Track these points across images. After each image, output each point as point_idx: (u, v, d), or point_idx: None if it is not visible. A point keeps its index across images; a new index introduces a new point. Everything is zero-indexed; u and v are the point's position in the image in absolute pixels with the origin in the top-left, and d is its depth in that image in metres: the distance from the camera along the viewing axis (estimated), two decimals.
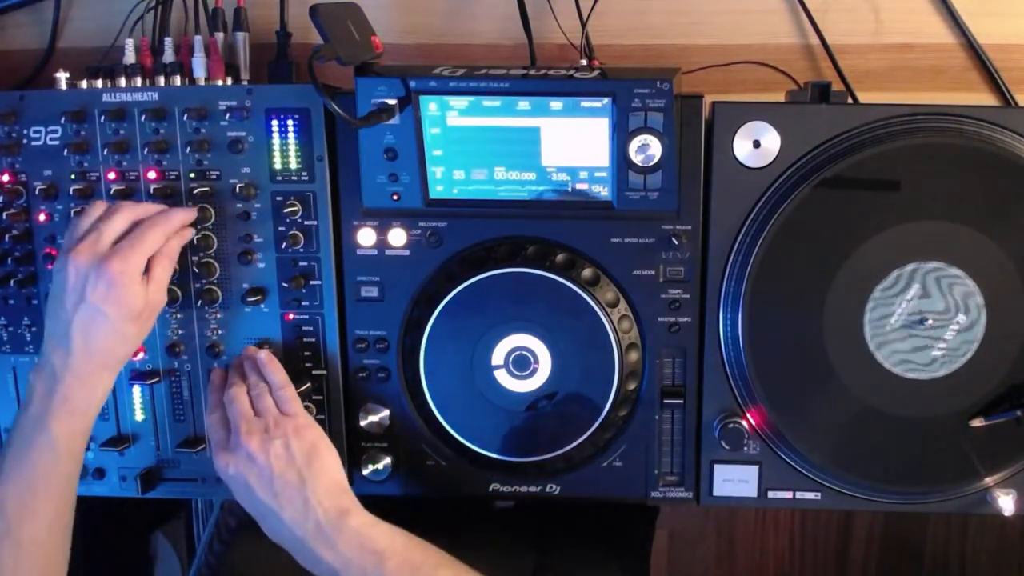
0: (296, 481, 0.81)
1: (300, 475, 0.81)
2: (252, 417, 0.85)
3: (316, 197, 0.90)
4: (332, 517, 0.80)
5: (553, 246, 0.90)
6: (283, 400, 0.87)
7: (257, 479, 0.81)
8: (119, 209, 0.84)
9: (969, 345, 0.86)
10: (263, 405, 0.86)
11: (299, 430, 0.84)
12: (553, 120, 0.85)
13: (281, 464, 0.81)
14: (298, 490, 0.81)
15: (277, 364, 0.89)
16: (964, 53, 1.02)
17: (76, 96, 0.90)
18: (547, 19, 1.02)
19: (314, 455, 0.83)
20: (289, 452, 0.82)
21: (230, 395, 0.86)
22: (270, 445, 0.82)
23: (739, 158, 0.87)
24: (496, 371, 0.91)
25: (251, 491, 0.82)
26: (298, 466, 0.82)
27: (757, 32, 1.03)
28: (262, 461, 0.81)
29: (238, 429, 0.83)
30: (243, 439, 0.82)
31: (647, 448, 0.93)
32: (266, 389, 0.87)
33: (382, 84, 0.85)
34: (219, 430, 0.86)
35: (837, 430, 0.89)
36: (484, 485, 0.95)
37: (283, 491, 0.81)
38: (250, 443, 0.82)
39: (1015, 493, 0.91)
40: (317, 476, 0.82)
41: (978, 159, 0.83)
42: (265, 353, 0.90)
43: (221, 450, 0.84)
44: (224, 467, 0.83)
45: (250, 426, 0.83)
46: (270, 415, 0.85)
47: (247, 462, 0.82)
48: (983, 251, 0.85)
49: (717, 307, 0.90)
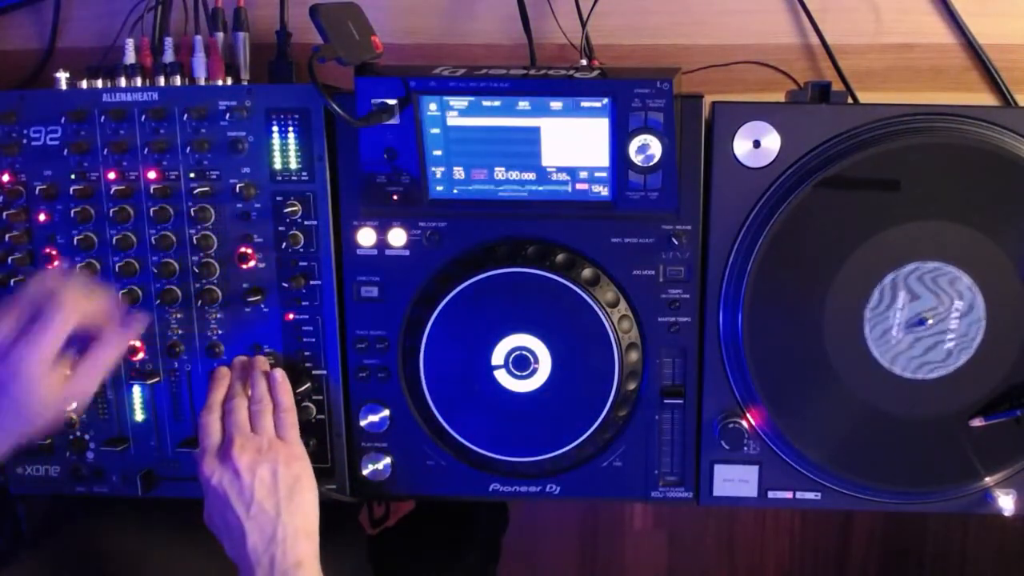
0: (272, 512, 0.81)
1: (277, 507, 0.82)
2: (249, 433, 0.85)
3: (316, 197, 0.90)
4: (288, 563, 0.80)
5: (553, 246, 0.90)
6: (283, 424, 0.87)
7: (237, 497, 0.81)
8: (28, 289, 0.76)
9: (969, 345, 0.86)
10: (262, 423, 0.86)
11: (289, 460, 0.84)
12: (553, 120, 0.85)
13: (264, 490, 0.82)
14: (271, 521, 0.81)
15: (288, 386, 0.89)
16: (964, 53, 1.02)
17: (76, 96, 0.90)
18: (547, 19, 1.02)
19: (297, 490, 0.83)
20: (275, 480, 0.82)
21: (233, 404, 0.86)
22: (259, 467, 0.82)
23: (739, 158, 0.87)
24: (496, 371, 0.91)
25: (227, 506, 0.82)
26: (279, 497, 0.82)
27: (757, 32, 1.03)
28: (247, 481, 0.82)
29: (232, 441, 0.83)
30: (235, 453, 0.82)
31: (647, 448, 0.93)
32: (269, 407, 0.87)
33: (382, 84, 0.85)
34: (213, 434, 0.85)
35: (837, 430, 0.89)
36: (484, 485, 0.95)
37: (257, 516, 0.81)
38: (241, 459, 0.82)
39: (1015, 493, 0.91)
40: (293, 513, 0.82)
41: (978, 159, 0.83)
42: (281, 372, 0.89)
43: (209, 456, 0.84)
44: (208, 474, 0.83)
45: (245, 442, 0.84)
46: (266, 436, 0.85)
47: (232, 477, 0.82)
48: (983, 251, 0.85)
49: (717, 307, 0.90)
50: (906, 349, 0.87)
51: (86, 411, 0.95)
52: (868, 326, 0.87)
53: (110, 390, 0.95)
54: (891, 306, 0.86)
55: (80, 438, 0.96)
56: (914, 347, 0.87)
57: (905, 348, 0.87)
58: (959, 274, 0.85)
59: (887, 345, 0.87)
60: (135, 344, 0.94)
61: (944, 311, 0.86)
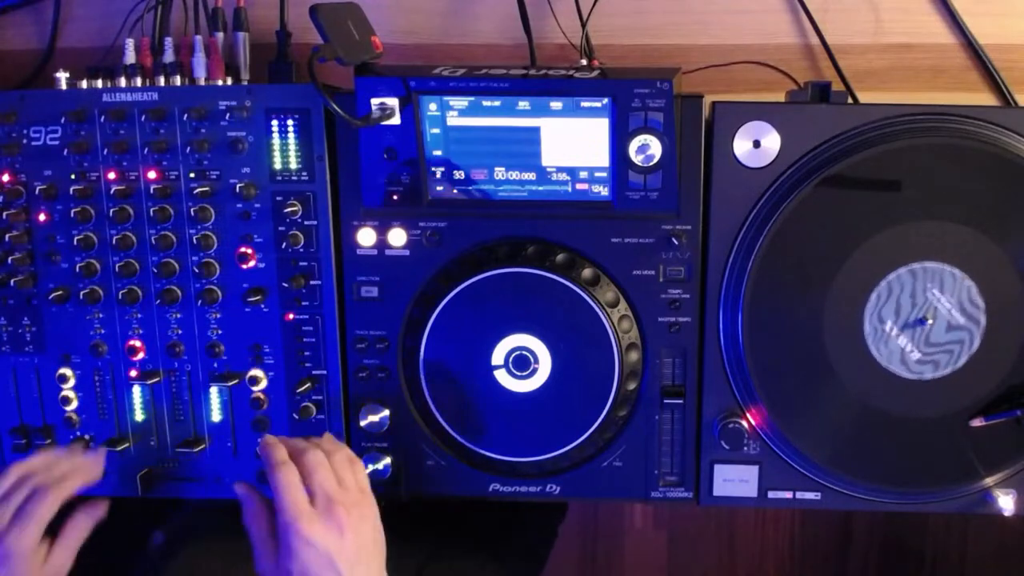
0: (364, 567, 0.81)
1: (369, 563, 0.81)
2: (340, 490, 0.82)
3: (316, 197, 0.90)
4: None
5: (553, 246, 0.89)
6: (360, 474, 0.86)
7: (338, 553, 0.79)
8: (9, 477, 0.86)
9: (969, 345, 0.86)
10: (346, 478, 0.84)
11: (375, 516, 0.84)
12: (553, 120, 0.85)
13: (365, 544, 0.81)
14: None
15: (342, 443, 0.89)
16: (964, 53, 1.02)
17: (76, 96, 0.90)
18: (547, 19, 1.02)
19: (380, 542, 0.83)
20: (375, 534, 0.82)
21: (315, 461, 0.83)
22: (361, 525, 0.81)
23: (739, 158, 0.87)
24: (496, 371, 0.91)
25: (331, 562, 0.79)
26: (368, 552, 0.81)
27: (757, 32, 1.03)
28: (350, 539, 0.80)
29: (330, 498, 0.81)
30: (337, 510, 0.80)
31: (647, 448, 0.93)
32: (348, 467, 0.85)
33: (382, 84, 0.85)
34: (299, 492, 0.81)
35: (837, 430, 0.89)
36: (484, 485, 0.95)
37: (351, 571, 0.79)
38: (344, 517, 0.80)
39: (1015, 493, 0.91)
40: (379, 567, 0.83)
41: (978, 159, 0.83)
42: (329, 435, 0.89)
43: (307, 513, 0.80)
44: (311, 534, 0.79)
45: (342, 498, 0.81)
46: (354, 490, 0.83)
47: (337, 534, 0.79)
48: (983, 251, 0.85)
49: (717, 307, 0.90)
50: (906, 349, 0.87)
51: (86, 411, 0.96)
52: (868, 326, 0.86)
53: (110, 390, 0.95)
54: (891, 306, 0.86)
55: (80, 438, 0.96)
56: (914, 347, 0.87)
57: (905, 348, 0.87)
58: (959, 274, 0.85)
59: (887, 345, 0.87)
60: (135, 344, 0.94)
61: (943, 311, 0.86)
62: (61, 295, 0.93)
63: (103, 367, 0.95)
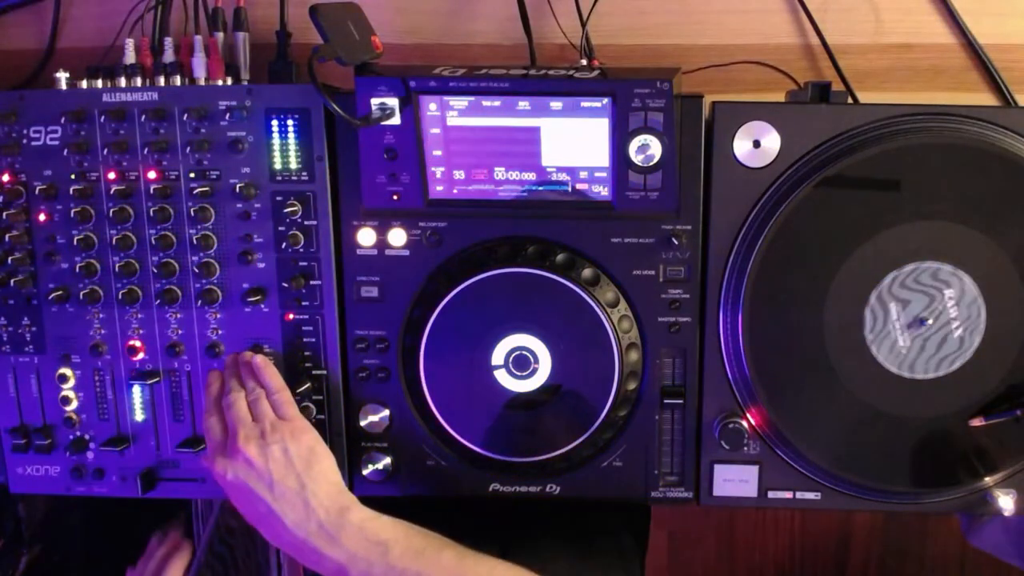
0: (296, 486, 0.82)
1: (299, 479, 0.82)
2: (250, 422, 0.85)
3: (316, 197, 0.90)
4: (333, 516, 0.81)
5: (553, 246, 0.89)
6: (279, 404, 0.87)
7: (256, 484, 0.81)
8: None
9: (969, 345, 0.86)
10: (259, 410, 0.86)
11: (296, 434, 0.84)
12: (553, 120, 0.85)
13: (280, 469, 0.82)
14: (298, 494, 0.81)
15: (272, 368, 0.89)
16: (964, 53, 1.02)
17: (76, 96, 0.90)
18: (547, 19, 1.02)
19: (312, 459, 0.83)
20: (287, 457, 0.82)
21: (228, 400, 0.86)
22: (268, 450, 0.82)
23: (739, 158, 0.87)
24: (496, 371, 0.91)
25: (251, 496, 0.82)
26: (297, 470, 0.82)
27: (757, 32, 1.03)
28: (261, 466, 0.82)
29: (235, 434, 0.83)
30: (241, 444, 0.82)
31: (647, 448, 0.93)
32: (262, 394, 0.87)
33: (382, 84, 0.85)
34: (217, 433, 0.85)
35: (837, 430, 0.89)
36: (484, 485, 0.95)
37: (283, 496, 0.81)
38: (248, 448, 0.82)
39: (1015, 493, 0.91)
40: (316, 479, 0.82)
41: (978, 159, 0.83)
42: (260, 358, 0.89)
43: (218, 455, 0.84)
44: (222, 472, 0.83)
45: (248, 431, 0.84)
46: (267, 420, 0.85)
47: (245, 467, 0.82)
48: (983, 251, 0.85)
49: (717, 307, 0.90)
50: (906, 349, 0.87)
51: (86, 411, 0.96)
52: (868, 326, 0.86)
53: (110, 390, 0.95)
54: (891, 306, 0.86)
55: (80, 438, 0.96)
56: (914, 347, 0.87)
57: (905, 348, 0.87)
58: (959, 274, 0.85)
59: (887, 345, 0.87)
60: (135, 344, 0.94)
61: (944, 311, 0.86)
62: (61, 295, 0.93)
63: (103, 367, 0.95)
